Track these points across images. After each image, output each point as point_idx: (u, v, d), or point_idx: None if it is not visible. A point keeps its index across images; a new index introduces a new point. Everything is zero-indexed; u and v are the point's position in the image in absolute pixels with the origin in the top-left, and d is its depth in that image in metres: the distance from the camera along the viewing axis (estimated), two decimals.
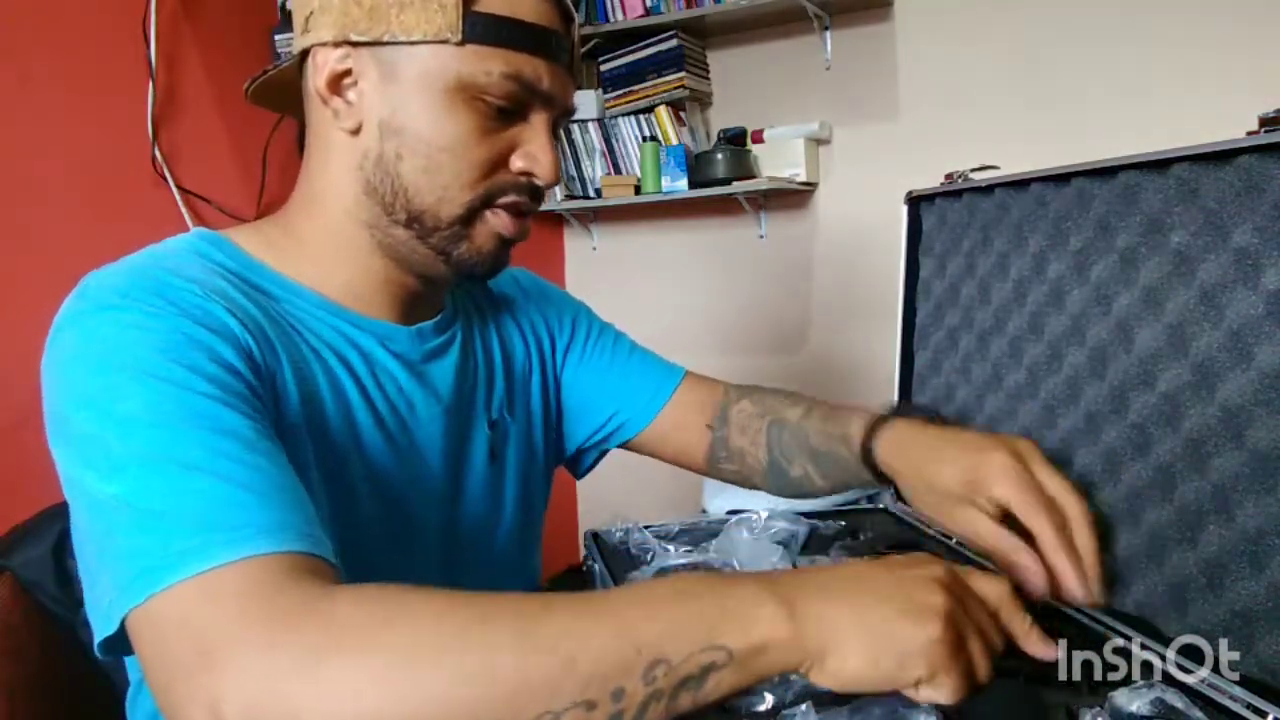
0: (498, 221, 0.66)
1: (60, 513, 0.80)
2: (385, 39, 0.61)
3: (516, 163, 0.65)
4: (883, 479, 0.76)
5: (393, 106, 0.62)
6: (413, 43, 0.61)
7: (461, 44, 0.60)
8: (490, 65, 0.61)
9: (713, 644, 0.45)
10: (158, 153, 1.71)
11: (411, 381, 0.71)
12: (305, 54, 0.65)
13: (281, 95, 0.72)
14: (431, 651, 0.41)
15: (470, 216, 0.65)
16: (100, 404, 0.51)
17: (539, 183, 0.66)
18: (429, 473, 0.72)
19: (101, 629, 0.47)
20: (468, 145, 0.63)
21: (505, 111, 0.63)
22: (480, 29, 0.60)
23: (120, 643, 0.46)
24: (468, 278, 0.71)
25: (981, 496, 0.65)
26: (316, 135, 0.67)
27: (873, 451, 0.75)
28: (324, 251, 0.67)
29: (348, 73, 0.63)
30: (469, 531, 0.76)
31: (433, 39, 0.60)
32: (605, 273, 2.70)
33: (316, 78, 0.63)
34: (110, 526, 0.47)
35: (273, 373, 0.60)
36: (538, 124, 0.65)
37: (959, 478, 0.67)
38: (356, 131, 0.64)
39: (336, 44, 0.62)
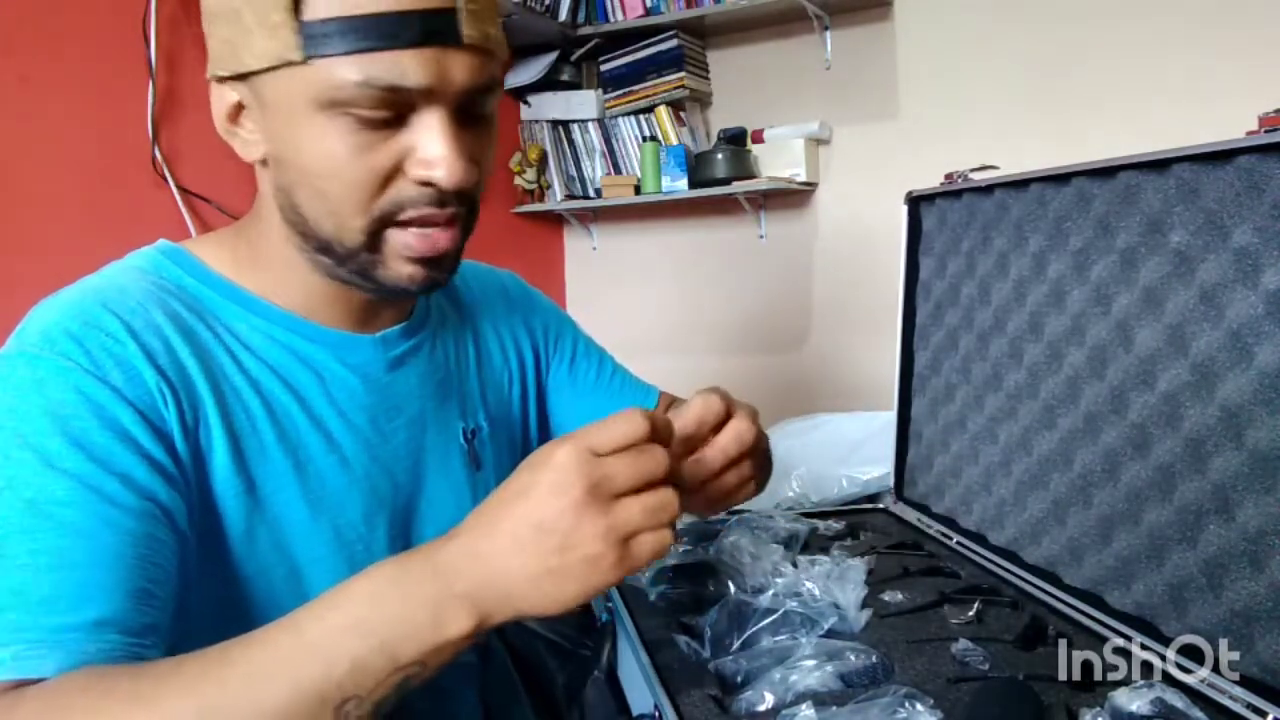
0: (401, 242, 0.60)
1: None
2: (243, 71, 0.57)
3: (414, 170, 0.58)
4: None
5: (273, 138, 0.59)
6: (264, 70, 0.56)
7: (305, 61, 0.54)
8: (344, 77, 0.54)
9: (399, 665, 0.47)
10: (158, 153, 1.71)
11: (371, 394, 0.69)
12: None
13: None
14: None
15: (373, 241, 0.60)
16: None
17: (443, 186, 0.58)
18: (394, 487, 0.70)
19: None
20: (347, 166, 0.57)
21: (378, 121, 0.56)
22: (319, 39, 0.53)
23: None
24: (400, 297, 0.69)
25: None
26: None
27: None
28: (276, 268, 0.66)
29: (241, 105, 0.60)
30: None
31: (278, 64, 0.55)
32: (605, 273, 2.70)
33: (216, 113, 0.61)
34: None
35: (193, 425, 0.59)
36: (428, 121, 0.57)
37: None
38: (262, 162, 0.62)
39: (219, 79, 0.60)
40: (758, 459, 0.69)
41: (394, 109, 0.56)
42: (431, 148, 0.57)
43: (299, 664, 0.46)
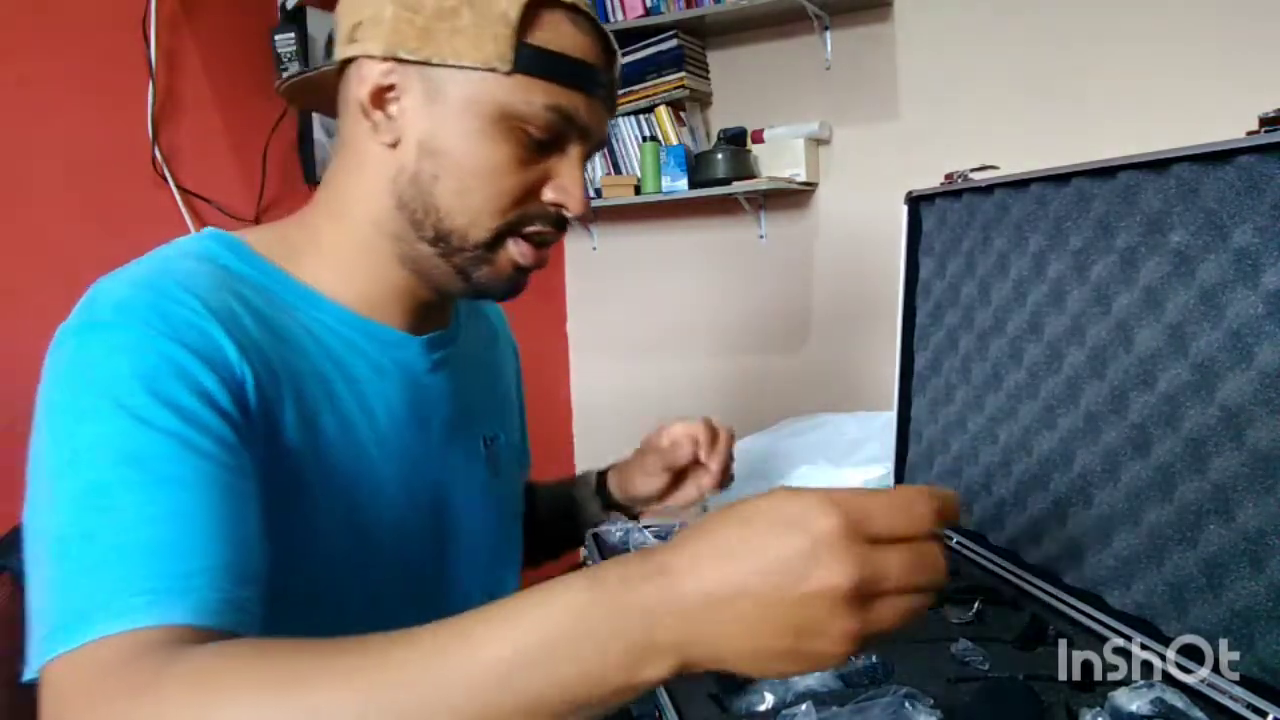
0: (518, 250, 0.67)
1: None
2: (434, 60, 0.62)
3: (548, 194, 0.66)
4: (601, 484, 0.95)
5: (434, 127, 0.63)
6: (461, 67, 0.61)
7: (510, 74, 0.61)
8: (534, 97, 0.62)
9: (579, 705, 0.41)
10: (158, 153, 1.71)
11: (414, 393, 0.71)
12: (347, 62, 0.65)
13: (313, 95, 0.73)
14: None
15: (496, 242, 0.66)
16: (66, 425, 0.52)
17: (567, 214, 0.67)
18: (429, 486, 0.72)
19: (28, 671, 0.48)
20: (504, 173, 0.63)
21: (542, 143, 0.64)
22: (529, 61, 0.61)
23: None
24: (482, 297, 0.72)
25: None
26: (349, 143, 0.67)
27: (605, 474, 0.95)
28: (344, 258, 0.68)
29: (391, 87, 0.63)
30: (466, 541, 0.76)
31: (482, 66, 0.61)
32: (605, 273, 2.70)
33: (360, 89, 0.63)
34: (38, 566, 0.50)
35: (269, 402, 0.59)
36: (572, 156, 0.66)
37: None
38: (394, 145, 0.64)
39: (383, 59, 0.62)
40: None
41: (554, 136, 0.64)
42: (571, 179, 0.66)
43: (465, 688, 0.40)
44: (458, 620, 0.43)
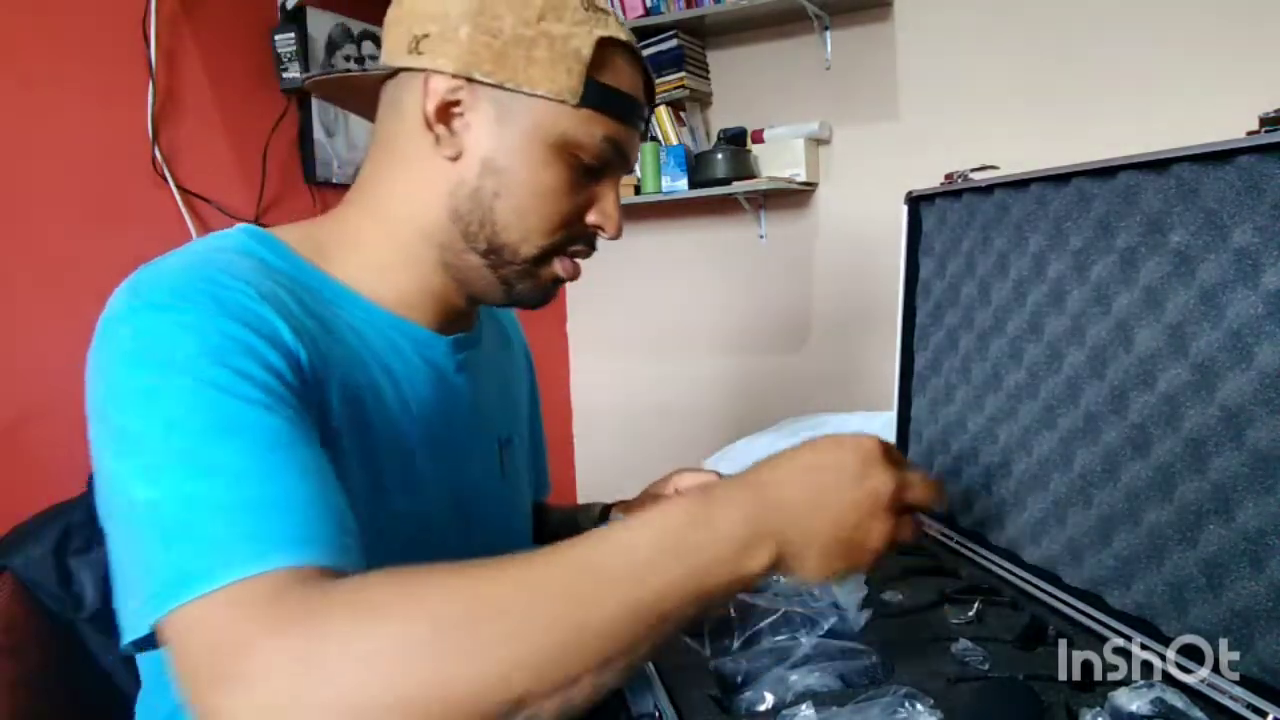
0: (561, 266, 0.71)
1: (60, 513, 0.80)
2: (508, 85, 0.64)
3: (591, 217, 0.70)
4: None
5: (499, 147, 0.66)
6: (533, 95, 0.64)
7: (577, 107, 0.65)
8: (595, 130, 0.66)
9: (705, 592, 0.50)
10: (158, 153, 1.71)
11: (441, 392, 0.72)
12: (397, 70, 0.67)
13: (343, 93, 0.74)
14: (436, 642, 0.44)
15: (543, 258, 0.69)
16: (145, 403, 0.52)
17: (604, 237, 0.72)
18: (452, 484, 0.73)
19: (129, 631, 0.48)
20: (559, 196, 0.67)
21: (590, 169, 0.68)
22: (595, 96, 0.65)
23: (147, 643, 0.48)
24: (515, 305, 0.75)
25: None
26: (400, 150, 0.68)
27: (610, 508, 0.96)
28: (382, 259, 0.69)
29: (457, 103, 0.65)
30: (484, 538, 0.77)
31: (553, 97, 0.64)
32: (605, 273, 2.69)
33: (427, 103, 0.65)
34: (144, 530, 0.49)
35: (320, 380, 0.60)
36: (612, 184, 0.71)
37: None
38: (455, 159, 0.66)
39: (454, 75, 0.64)
40: None
41: (602, 165, 0.68)
42: (612, 204, 0.71)
43: (622, 578, 0.48)
44: (591, 534, 0.51)
